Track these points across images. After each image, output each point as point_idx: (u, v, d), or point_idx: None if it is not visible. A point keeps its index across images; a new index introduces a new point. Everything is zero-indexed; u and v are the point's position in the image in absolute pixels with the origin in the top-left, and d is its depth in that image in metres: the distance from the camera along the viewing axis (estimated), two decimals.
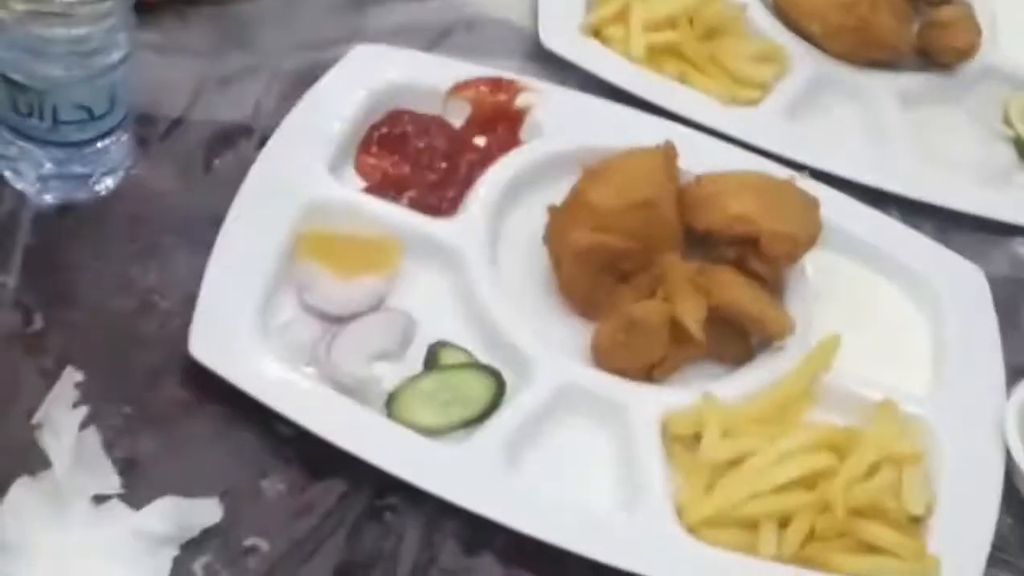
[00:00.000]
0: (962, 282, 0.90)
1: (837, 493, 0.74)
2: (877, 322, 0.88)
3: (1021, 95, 1.03)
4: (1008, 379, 0.84)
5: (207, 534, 0.69)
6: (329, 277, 0.79)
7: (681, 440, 0.77)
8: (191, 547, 0.68)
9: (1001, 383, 0.84)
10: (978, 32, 1.00)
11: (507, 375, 0.78)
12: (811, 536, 0.74)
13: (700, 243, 0.85)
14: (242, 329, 0.75)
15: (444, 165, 0.88)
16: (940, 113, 1.02)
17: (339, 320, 0.78)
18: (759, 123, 0.96)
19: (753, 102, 0.97)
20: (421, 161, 0.88)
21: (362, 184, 0.86)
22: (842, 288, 0.89)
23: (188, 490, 0.69)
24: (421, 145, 0.89)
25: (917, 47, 1.01)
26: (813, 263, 0.87)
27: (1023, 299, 0.91)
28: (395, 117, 0.90)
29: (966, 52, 1.00)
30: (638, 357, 0.79)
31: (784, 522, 0.75)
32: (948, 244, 0.93)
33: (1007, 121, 1.02)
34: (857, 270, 0.90)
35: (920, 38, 1.01)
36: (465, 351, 0.79)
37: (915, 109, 1.01)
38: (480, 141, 0.91)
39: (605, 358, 0.80)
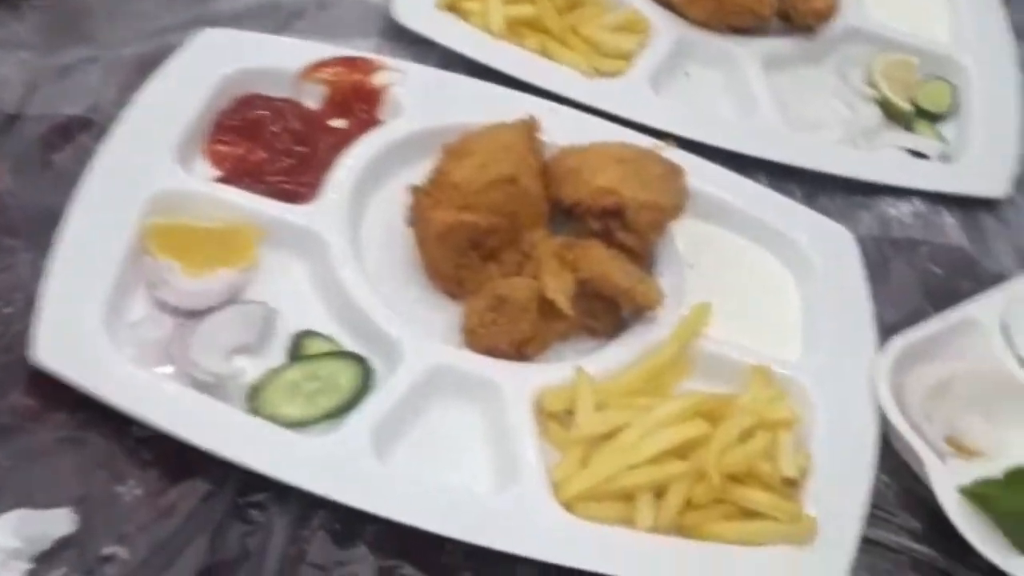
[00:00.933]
0: (831, 244, 0.90)
1: (711, 460, 0.73)
2: (749, 288, 0.87)
3: (885, 55, 1.04)
4: (880, 338, 0.84)
5: (62, 545, 0.66)
6: (181, 271, 0.76)
7: (555, 417, 0.76)
8: (45, 560, 0.65)
9: (872, 343, 0.84)
10: None
11: (375, 361, 0.76)
12: (688, 505, 0.74)
13: (567, 216, 0.83)
14: (89, 330, 0.71)
15: (301, 149, 0.86)
16: (805, 76, 1.02)
17: (194, 315, 0.75)
18: (623, 93, 0.94)
19: (617, 73, 0.96)
20: (276, 146, 0.85)
21: (215, 173, 0.83)
22: (713, 256, 0.88)
23: (39, 501, 0.66)
24: (276, 130, 0.86)
25: (779, 11, 1.01)
26: (683, 232, 0.86)
27: (893, 258, 0.91)
28: (247, 102, 0.86)
29: (826, 14, 1.00)
30: (508, 335, 0.78)
31: (660, 492, 0.74)
32: (817, 207, 0.93)
33: (871, 82, 1.02)
34: (727, 237, 0.90)
35: (781, 2, 1.01)
36: (330, 339, 0.77)
37: (779, 73, 1.00)
38: (338, 123, 0.88)
39: (475, 338, 0.78)
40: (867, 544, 0.75)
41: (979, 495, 0.76)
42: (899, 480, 0.79)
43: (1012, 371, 0.83)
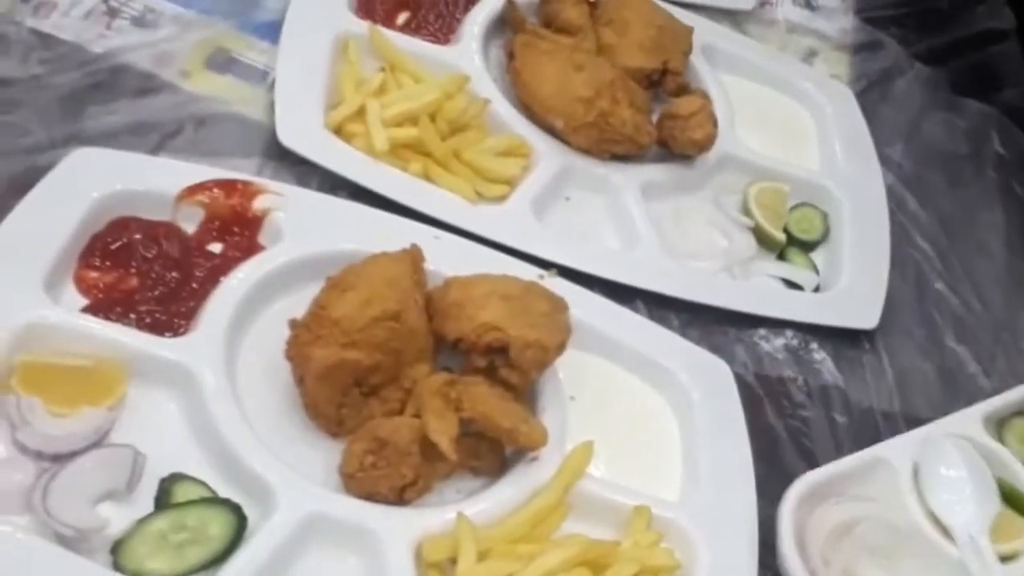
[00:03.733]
0: (708, 378, 0.90)
1: None
2: (631, 423, 0.87)
3: (758, 183, 1.06)
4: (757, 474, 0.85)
5: None
6: (45, 411, 0.72)
7: (436, 567, 0.74)
8: None
9: (750, 481, 0.84)
10: (715, 123, 1.02)
11: (249, 507, 0.73)
12: None
13: (451, 349, 0.82)
14: None
15: (175, 276, 0.83)
16: (682, 203, 1.03)
17: (57, 459, 0.71)
18: (506, 220, 0.94)
19: (500, 198, 0.96)
20: (150, 273, 0.82)
21: (83, 302, 0.80)
22: (595, 389, 0.88)
23: None
24: (149, 255, 0.83)
25: (658, 139, 1.02)
26: (563, 363, 0.86)
27: (768, 393, 0.92)
28: (120, 225, 0.84)
29: (704, 144, 1.02)
30: (389, 479, 0.76)
31: None
32: (693, 338, 0.93)
33: (746, 210, 1.04)
34: (609, 370, 0.90)
35: (660, 130, 1.02)
36: (202, 483, 0.74)
37: (658, 200, 1.01)
38: (215, 248, 0.85)
39: (354, 482, 0.76)
40: None
41: None
42: None
43: (918, 522, 0.83)
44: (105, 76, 0.93)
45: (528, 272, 0.89)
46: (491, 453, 0.80)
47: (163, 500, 0.72)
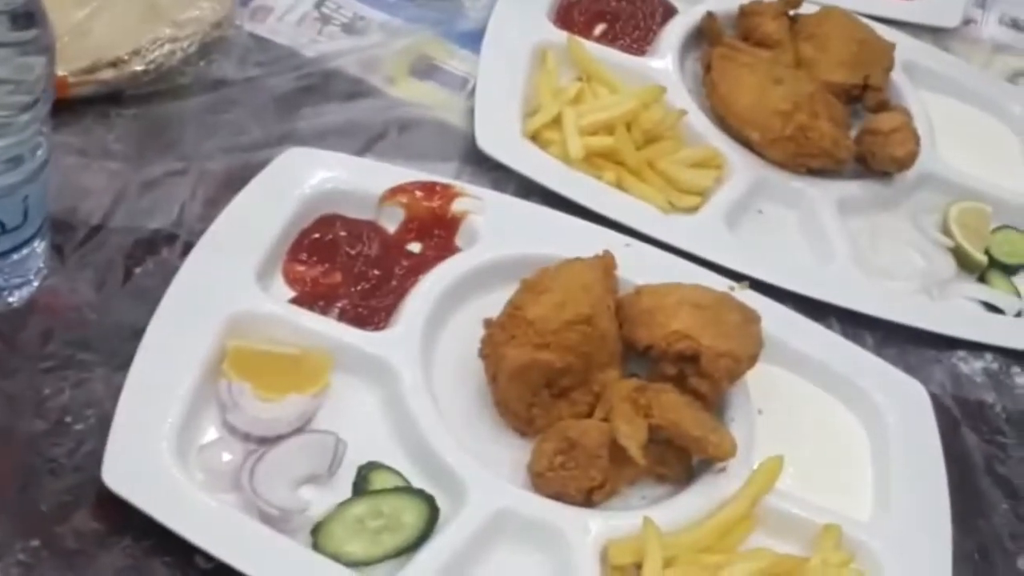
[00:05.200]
0: (904, 399, 0.88)
1: None
2: (820, 439, 0.86)
3: (960, 203, 1.03)
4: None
5: None
6: (254, 396, 0.75)
7: (622, 570, 0.74)
8: None
9: (945, 505, 0.82)
10: (917, 141, 1.00)
11: (441, 498, 0.75)
12: None
13: (640, 356, 0.83)
14: (160, 454, 0.71)
15: (376, 273, 0.85)
16: (879, 222, 1.01)
17: (264, 442, 0.74)
18: (698, 231, 0.94)
19: (692, 209, 0.96)
20: (352, 269, 0.85)
21: (290, 293, 0.83)
22: (783, 404, 0.87)
23: None
24: (353, 252, 0.86)
25: (856, 154, 1.01)
26: (754, 378, 0.85)
27: (964, 417, 0.90)
28: (326, 222, 0.87)
29: (905, 161, 1.00)
30: (577, 480, 0.76)
31: None
32: (889, 357, 0.91)
33: (946, 230, 1.01)
34: (799, 385, 0.88)
35: (859, 145, 1.01)
36: (397, 473, 0.76)
37: (854, 217, 1.00)
38: (415, 247, 0.88)
39: (543, 481, 0.77)
40: None
41: None
42: None
43: None
44: (317, 79, 0.97)
45: (719, 284, 0.88)
46: (678, 462, 0.80)
47: (361, 487, 0.74)
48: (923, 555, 0.80)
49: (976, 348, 0.94)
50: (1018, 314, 0.98)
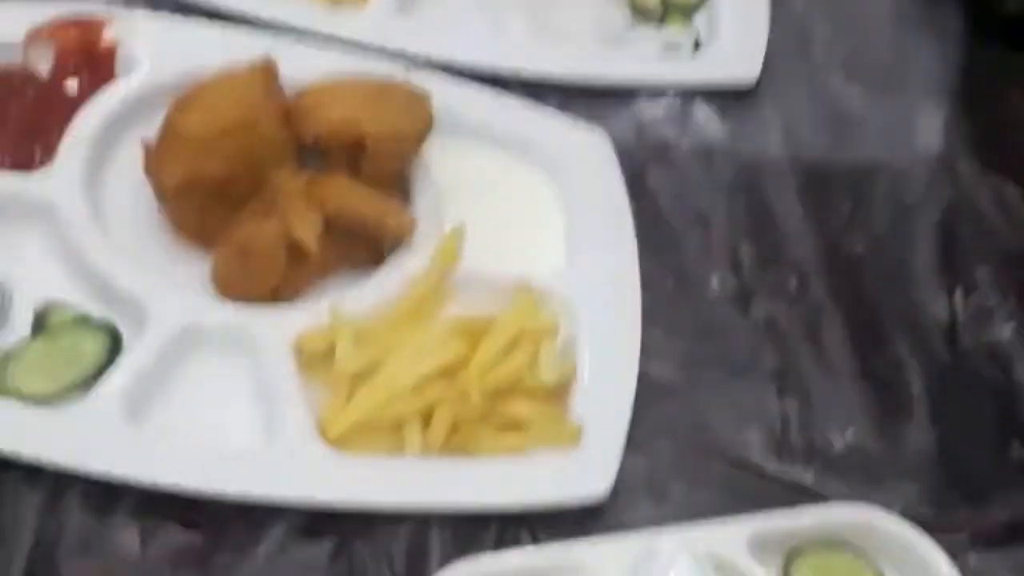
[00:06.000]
0: (587, 149, 0.90)
1: (471, 377, 0.74)
2: (510, 204, 0.87)
3: None
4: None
5: None
6: None
7: (316, 357, 0.76)
8: None
9: (633, 250, 0.84)
10: None
11: (126, 325, 0.74)
12: (456, 425, 0.74)
13: (315, 156, 0.82)
14: None
15: (33, 118, 0.83)
16: None
17: None
18: (368, 21, 0.93)
19: (359, 2, 0.94)
20: (7, 118, 0.82)
21: None
22: (472, 176, 0.87)
23: None
24: (5, 100, 0.83)
25: None
26: (439, 155, 0.86)
27: (649, 162, 0.92)
28: None
29: None
30: (258, 282, 0.77)
31: (428, 418, 0.74)
32: (573, 114, 0.93)
33: None
34: (486, 154, 0.89)
35: None
36: (76, 310, 0.75)
37: None
38: (72, 85, 0.85)
39: (225, 288, 0.77)
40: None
41: None
42: None
43: None
44: None
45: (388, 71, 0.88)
46: (365, 248, 0.81)
47: (39, 327, 0.74)
48: (613, 293, 0.82)
49: (657, 92, 0.96)
50: (697, 47, 0.99)
